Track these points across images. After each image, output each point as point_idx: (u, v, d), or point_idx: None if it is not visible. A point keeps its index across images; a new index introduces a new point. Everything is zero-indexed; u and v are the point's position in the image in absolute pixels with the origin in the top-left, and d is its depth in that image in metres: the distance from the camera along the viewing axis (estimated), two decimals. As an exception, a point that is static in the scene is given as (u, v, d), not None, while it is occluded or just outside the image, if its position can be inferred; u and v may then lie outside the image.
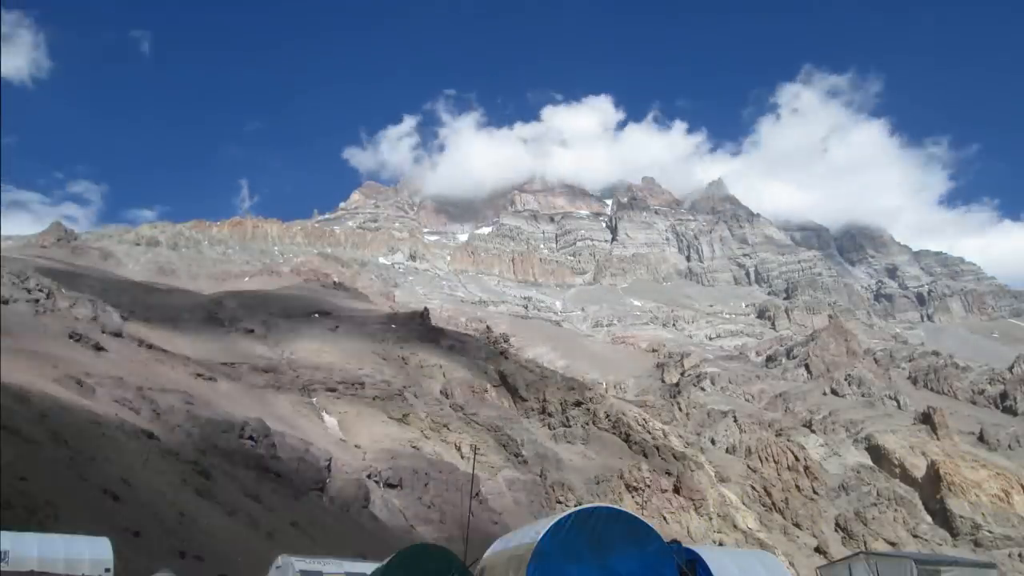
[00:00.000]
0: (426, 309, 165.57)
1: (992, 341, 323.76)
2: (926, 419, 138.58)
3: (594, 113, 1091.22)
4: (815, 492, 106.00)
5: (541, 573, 12.64)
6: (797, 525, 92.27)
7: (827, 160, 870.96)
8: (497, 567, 14.49)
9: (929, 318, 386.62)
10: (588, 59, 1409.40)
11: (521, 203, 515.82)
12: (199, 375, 67.42)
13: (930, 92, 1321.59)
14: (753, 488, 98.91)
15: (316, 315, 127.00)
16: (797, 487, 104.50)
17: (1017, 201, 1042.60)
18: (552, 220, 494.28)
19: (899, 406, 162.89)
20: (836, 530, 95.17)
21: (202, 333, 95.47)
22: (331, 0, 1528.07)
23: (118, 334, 69.56)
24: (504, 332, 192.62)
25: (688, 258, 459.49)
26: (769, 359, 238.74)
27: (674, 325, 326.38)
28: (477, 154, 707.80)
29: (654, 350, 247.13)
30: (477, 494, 60.29)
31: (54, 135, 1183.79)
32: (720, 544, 69.81)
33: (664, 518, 76.29)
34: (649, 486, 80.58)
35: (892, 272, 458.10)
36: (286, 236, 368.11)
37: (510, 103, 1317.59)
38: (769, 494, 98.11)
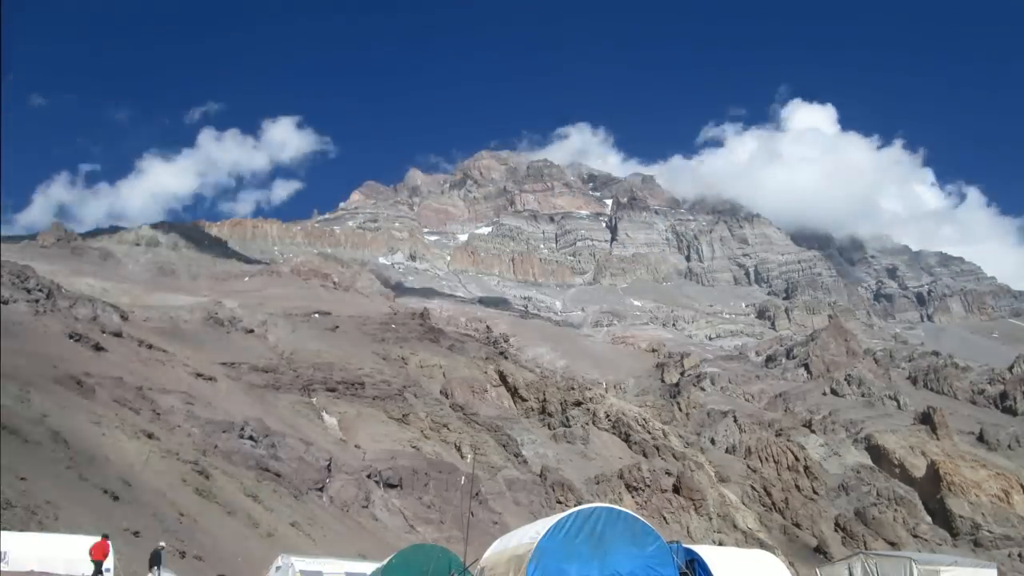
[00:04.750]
0: (426, 309, 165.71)
1: (992, 341, 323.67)
2: (926, 419, 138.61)
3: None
4: (815, 492, 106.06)
5: (541, 573, 12.65)
6: (797, 525, 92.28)
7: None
8: (497, 567, 14.50)
9: (929, 318, 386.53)
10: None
11: (521, 203, 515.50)
12: (199, 375, 67.36)
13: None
14: (753, 488, 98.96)
15: (316, 315, 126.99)
16: (797, 487, 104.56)
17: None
18: (552, 220, 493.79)
19: (899, 406, 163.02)
20: (836, 530, 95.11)
21: (202, 333, 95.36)
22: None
23: (118, 334, 69.47)
24: (504, 332, 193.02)
25: (688, 258, 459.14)
26: (769, 359, 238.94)
27: (674, 325, 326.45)
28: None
29: (654, 350, 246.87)
30: (477, 494, 60.27)
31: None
32: (720, 544, 69.78)
33: (664, 518, 76.33)
34: (649, 486, 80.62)
35: (892, 272, 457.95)
36: (286, 236, 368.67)
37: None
38: (769, 494, 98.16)
